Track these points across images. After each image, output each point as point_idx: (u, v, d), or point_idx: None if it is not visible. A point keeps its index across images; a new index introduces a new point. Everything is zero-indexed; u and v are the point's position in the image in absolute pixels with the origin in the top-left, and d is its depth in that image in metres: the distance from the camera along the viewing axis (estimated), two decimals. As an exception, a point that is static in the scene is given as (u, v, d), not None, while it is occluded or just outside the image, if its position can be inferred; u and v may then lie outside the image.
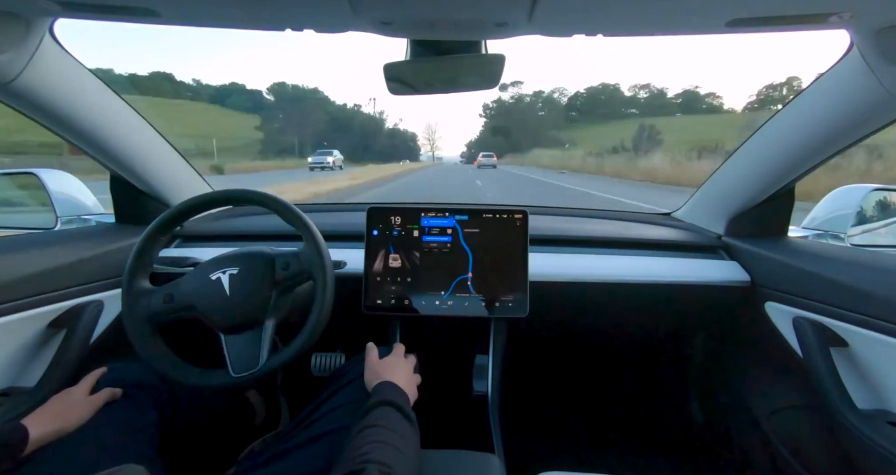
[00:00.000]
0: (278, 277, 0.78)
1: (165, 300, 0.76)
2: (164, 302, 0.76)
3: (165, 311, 0.76)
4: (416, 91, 0.79)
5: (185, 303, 0.76)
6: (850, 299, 0.79)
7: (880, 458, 0.69)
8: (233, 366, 0.75)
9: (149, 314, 0.76)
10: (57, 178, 1.30)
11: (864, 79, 0.71)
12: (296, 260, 0.79)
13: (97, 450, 0.64)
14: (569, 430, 1.36)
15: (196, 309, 0.76)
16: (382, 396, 0.65)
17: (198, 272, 0.79)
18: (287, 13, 0.61)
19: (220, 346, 0.76)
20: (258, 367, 0.74)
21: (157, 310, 0.76)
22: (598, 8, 0.57)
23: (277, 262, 0.79)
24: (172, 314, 0.76)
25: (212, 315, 0.75)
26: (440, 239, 0.99)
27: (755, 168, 1.01)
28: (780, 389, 0.99)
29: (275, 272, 0.78)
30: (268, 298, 0.77)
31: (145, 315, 0.76)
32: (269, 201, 0.81)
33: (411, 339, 1.01)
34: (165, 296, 0.76)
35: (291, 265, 0.79)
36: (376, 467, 0.49)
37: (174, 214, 0.81)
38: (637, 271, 1.06)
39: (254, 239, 1.12)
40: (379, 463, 0.50)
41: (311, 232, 0.79)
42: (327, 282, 0.77)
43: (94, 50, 29.49)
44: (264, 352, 0.75)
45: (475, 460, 0.74)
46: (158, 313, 0.76)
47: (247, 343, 0.76)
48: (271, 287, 0.77)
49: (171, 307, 0.76)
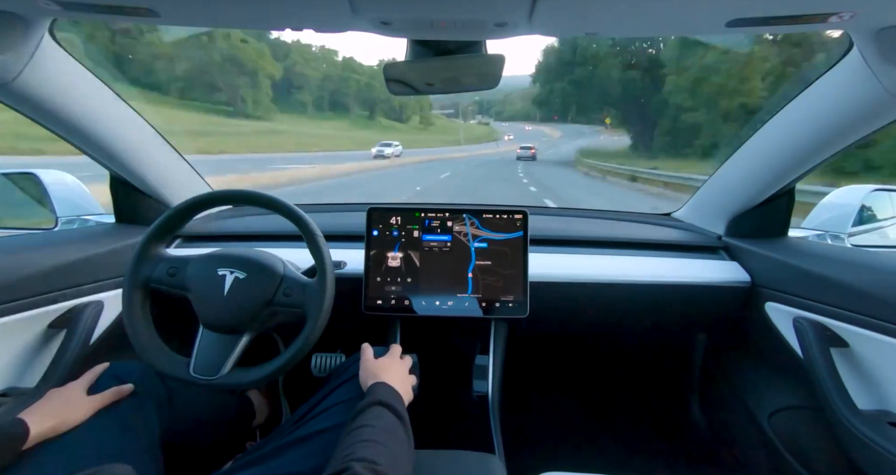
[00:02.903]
0: (276, 299, 0.77)
1: (169, 272, 0.78)
2: (168, 273, 0.78)
3: (164, 282, 0.78)
4: (416, 91, 0.79)
5: (183, 283, 0.78)
6: (851, 299, 0.79)
7: (880, 459, 0.69)
8: (195, 362, 0.75)
9: (148, 276, 0.78)
10: (57, 178, 1.30)
11: (864, 79, 0.71)
12: (300, 291, 0.78)
13: (96, 448, 0.64)
14: (569, 430, 1.36)
15: (190, 293, 0.77)
16: (375, 397, 0.64)
17: (209, 261, 0.79)
18: (287, 13, 0.61)
19: (194, 337, 0.77)
20: (215, 377, 0.74)
21: (157, 277, 0.78)
22: (599, 8, 0.57)
23: (283, 286, 0.78)
24: (168, 287, 0.78)
25: (201, 306, 0.77)
26: (440, 238, 0.99)
27: (755, 168, 1.01)
28: (780, 390, 0.99)
29: (276, 293, 0.77)
30: (258, 313, 0.77)
31: (146, 276, 0.78)
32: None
33: (411, 340, 1.01)
34: (170, 269, 0.78)
35: (294, 294, 0.78)
36: (361, 464, 0.49)
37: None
38: (637, 272, 1.06)
39: (254, 239, 1.12)
40: (364, 460, 0.50)
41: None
42: (320, 319, 0.76)
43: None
44: (229, 362, 0.75)
45: (475, 460, 0.74)
46: (157, 280, 0.78)
47: (219, 346, 0.76)
48: (266, 304, 0.77)
49: (171, 281, 0.78)
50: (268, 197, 0.81)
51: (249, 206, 0.95)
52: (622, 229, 1.21)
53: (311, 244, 0.79)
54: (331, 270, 0.78)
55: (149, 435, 0.71)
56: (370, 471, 0.49)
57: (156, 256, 0.80)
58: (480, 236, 0.99)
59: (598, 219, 1.35)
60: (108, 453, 0.63)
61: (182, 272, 0.78)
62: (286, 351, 0.76)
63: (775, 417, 0.98)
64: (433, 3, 0.56)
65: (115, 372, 0.76)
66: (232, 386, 0.75)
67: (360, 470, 0.48)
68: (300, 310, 0.77)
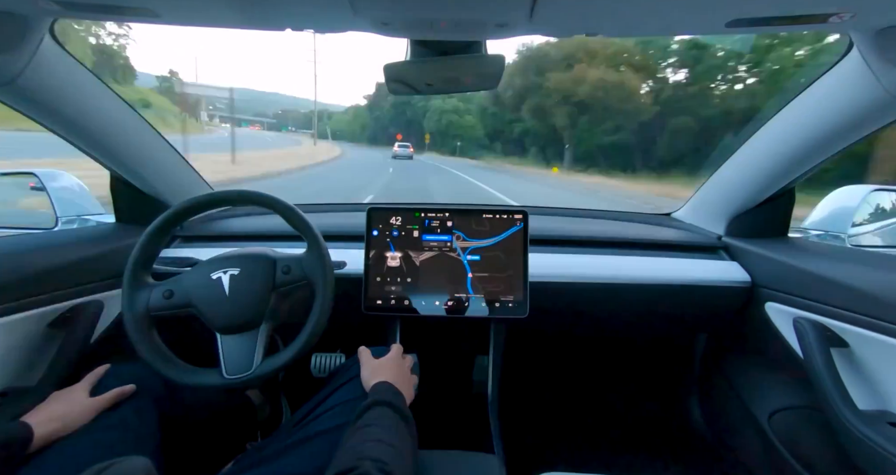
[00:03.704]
0: (278, 281, 0.78)
1: (165, 296, 0.76)
2: (164, 297, 0.76)
3: (164, 307, 0.76)
4: (416, 91, 0.79)
5: (184, 300, 0.76)
6: (851, 299, 0.79)
7: (881, 459, 0.69)
8: (226, 366, 0.75)
9: (147, 308, 0.76)
10: (57, 178, 1.31)
11: (864, 79, 0.71)
12: (297, 264, 0.79)
13: (99, 450, 0.64)
14: (569, 430, 1.36)
15: (194, 306, 0.76)
16: (378, 396, 0.64)
17: (199, 270, 0.79)
18: (287, 13, 0.61)
19: (216, 346, 0.76)
20: (251, 371, 0.74)
21: (155, 305, 0.76)
22: (599, 8, 0.57)
23: (279, 266, 0.79)
24: (171, 310, 0.76)
25: (209, 314, 0.76)
26: (440, 238, 0.99)
27: (755, 168, 1.01)
28: (780, 389, 0.99)
29: (275, 275, 0.78)
30: (266, 301, 0.76)
31: (144, 309, 0.76)
32: (270, 201, 0.81)
33: (411, 339, 1.01)
34: (165, 292, 0.77)
35: (293, 269, 0.78)
36: (372, 464, 0.49)
37: (175, 214, 0.81)
38: (637, 272, 1.06)
39: (254, 239, 1.12)
40: (375, 460, 0.50)
41: (311, 232, 0.79)
42: (327, 286, 0.76)
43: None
44: (258, 355, 0.75)
45: (475, 460, 0.74)
46: (157, 308, 0.76)
47: (242, 344, 0.76)
48: (271, 290, 0.77)
49: (171, 303, 0.76)
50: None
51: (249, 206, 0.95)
52: (622, 229, 1.21)
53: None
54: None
55: (150, 435, 0.71)
56: (379, 470, 0.49)
57: (145, 285, 0.78)
58: (469, 247, 0.99)
59: (598, 218, 1.35)
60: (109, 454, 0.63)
61: (177, 290, 0.77)
62: (308, 324, 0.76)
63: (775, 417, 0.98)
64: (433, 4, 0.56)
65: (116, 373, 0.76)
66: (269, 373, 0.75)
67: (370, 468, 0.48)
68: (306, 281, 0.78)
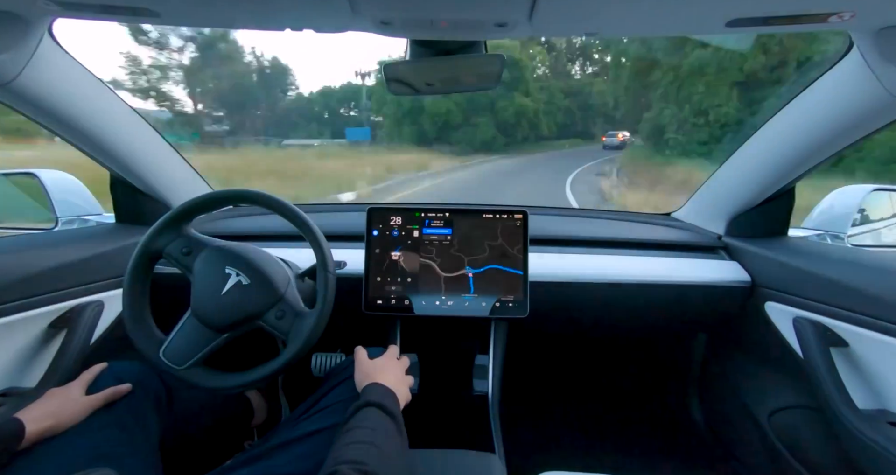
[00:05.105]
0: (266, 318, 0.76)
1: (184, 250, 0.78)
2: (182, 251, 0.78)
3: (175, 256, 0.78)
4: (416, 91, 0.79)
5: (190, 265, 0.78)
6: (851, 299, 0.79)
7: (880, 458, 0.69)
8: (169, 344, 0.75)
9: (161, 247, 0.78)
10: (57, 178, 1.30)
11: (865, 79, 0.71)
12: (292, 319, 0.76)
13: (93, 448, 0.63)
14: (569, 430, 1.36)
15: (192, 277, 0.77)
16: (367, 398, 0.64)
17: (222, 255, 0.78)
18: (287, 13, 0.61)
19: (177, 319, 0.77)
20: (180, 367, 0.74)
21: (171, 251, 0.78)
22: (599, 8, 0.57)
23: (279, 306, 0.77)
24: (177, 263, 0.78)
25: (197, 294, 0.76)
26: (441, 234, 0.99)
27: (755, 168, 1.01)
28: (780, 389, 0.99)
29: (268, 311, 0.76)
30: (243, 322, 0.75)
31: (162, 245, 0.78)
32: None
33: (412, 339, 1.01)
34: (185, 248, 0.78)
35: (285, 320, 0.76)
36: (349, 467, 0.49)
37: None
38: (637, 271, 1.06)
39: (254, 239, 1.12)
40: (352, 462, 0.50)
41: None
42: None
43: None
44: (198, 356, 0.75)
45: (475, 460, 0.74)
46: (170, 253, 0.78)
47: (196, 336, 0.76)
48: (255, 318, 0.76)
49: (180, 259, 0.78)
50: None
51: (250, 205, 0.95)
52: (622, 229, 1.21)
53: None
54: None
55: (147, 434, 0.71)
56: (357, 471, 0.49)
57: (179, 232, 0.80)
58: (480, 236, 0.99)
59: (598, 218, 1.35)
60: (105, 453, 0.63)
61: (195, 255, 0.78)
62: (256, 369, 0.75)
63: (775, 417, 0.98)
64: (433, 3, 0.56)
65: (113, 371, 0.76)
66: (193, 383, 0.74)
67: (347, 471, 0.48)
68: (283, 337, 0.76)
